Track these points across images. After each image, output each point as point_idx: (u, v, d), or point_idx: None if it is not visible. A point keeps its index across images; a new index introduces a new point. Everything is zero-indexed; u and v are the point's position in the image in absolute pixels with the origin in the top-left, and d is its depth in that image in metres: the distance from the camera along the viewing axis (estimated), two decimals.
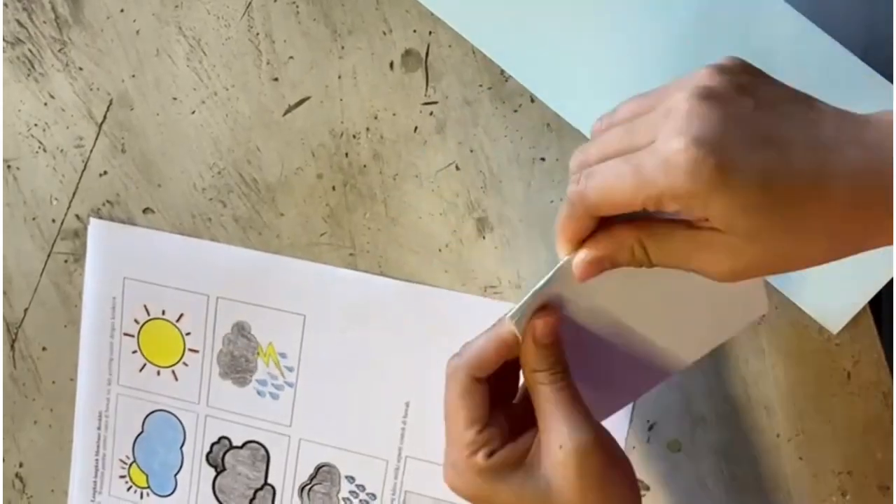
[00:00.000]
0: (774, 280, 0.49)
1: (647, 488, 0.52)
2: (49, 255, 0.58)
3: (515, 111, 0.50)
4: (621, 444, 0.51)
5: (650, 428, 0.52)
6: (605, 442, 0.37)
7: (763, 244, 0.32)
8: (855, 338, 0.49)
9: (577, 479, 0.36)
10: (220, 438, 0.58)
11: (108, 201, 0.57)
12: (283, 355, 0.56)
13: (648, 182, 0.31)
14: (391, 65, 0.52)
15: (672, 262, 0.34)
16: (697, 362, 0.42)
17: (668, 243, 0.34)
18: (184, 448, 0.59)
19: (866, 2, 0.64)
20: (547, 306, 0.38)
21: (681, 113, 0.31)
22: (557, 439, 0.36)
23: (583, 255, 0.35)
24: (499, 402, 0.39)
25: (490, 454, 0.37)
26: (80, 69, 0.56)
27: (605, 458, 0.37)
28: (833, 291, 0.48)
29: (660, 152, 0.31)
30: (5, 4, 0.56)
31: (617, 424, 0.51)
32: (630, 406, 0.51)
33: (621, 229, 0.35)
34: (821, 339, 0.49)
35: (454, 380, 0.38)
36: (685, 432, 0.51)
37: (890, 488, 0.50)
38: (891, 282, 0.49)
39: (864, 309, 0.49)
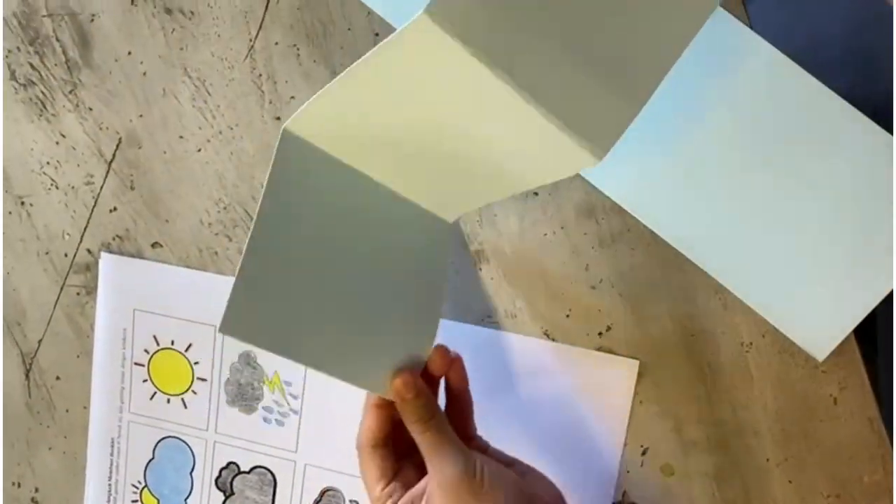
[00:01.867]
0: (762, 310, 0.50)
1: None
2: (62, 288, 0.60)
3: None
4: (615, 468, 0.53)
5: (644, 452, 0.53)
6: (473, 472, 0.42)
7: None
8: (840, 365, 0.50)
9: None
10: (228, 464, 0.60)
11: (117, 236, 0.59)
12: (288, 384, 0.58)
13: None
14: None
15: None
16: (689, 387, 0.44)
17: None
18: (193, 473, 0.61)
19: (855, 35, 0.65)
20: (404, 367, 0.44)
21: None
22: (434, 477, 0.42)
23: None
24: (411, 451, 0.45)
25: (395, 503, 0.44)
26: (90, 109, 0.58)
27: (472, 486, 0.42)
28: (818, 320, 0.50)
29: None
30: (17, 48, 0.58)
31: (610, 450, 0.53)
32: (623, 434, 0.53)
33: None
34: (807, 367, 0.51)
35: (360, 450, 0.46)
36: (678, 457, 0.53)
37: None
38: (889, 305, 0.50)
39: (848, 337, 0.50)
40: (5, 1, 0.57)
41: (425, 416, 0.43)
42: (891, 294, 0.49)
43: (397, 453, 0.46)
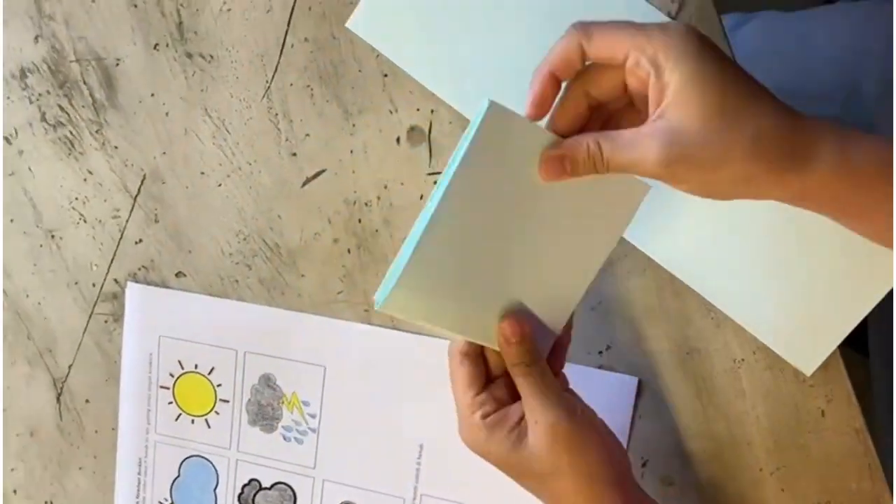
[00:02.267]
0: (751, 327, 0.54)
1: None
2: (90, 317, 0.64)
3: None
4: None
5: (644, 464, 0.56)
6: (571, 416, 0.44)
7: (700, 129, 0.38)
8: (827, 379, 0.54)
9: (549, 448, 0.44)
10: (250, 480, 0.63)
11: (143, 266, 0.62)
12: (306, 403, 0.61)
13: (644, 32, 0.38)
14: (398, 140, 0.57)
15: (620, 154, 0.40)
16: (685, 402, 0.47)
17: (618, 136, 0.40)
18: (217, 490, 0.64)
19: (851, 55, 0.68)
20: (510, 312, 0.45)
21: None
22: (533, 416, 0.44)
23: (546, 152, 0.41)
24: (502, 375, 0.47)
25: (485, 416, 0.45)
26: (116, 148, 0.61)
27: (572, 428, 0.44)
28: (805, 337, 0.53)
29: (664, 24, 0.39)
30: (47, 91, 0.62)
31: None
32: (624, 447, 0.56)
33: (580, 135, 0.41)
34: (796, 381, 0.54)
35: (451, 356, 0.47)
36: (676, 468, 0.56)
37: None
38: (887, 311, 0.53)
39: (834, 352, 0.53)
40: (36, 47, 0.61)
41: (528, 361, 0.44)
42: (887, 301, 0.52)
43: (488, 370, 0.47)
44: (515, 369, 0.45)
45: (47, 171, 0.63)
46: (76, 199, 0.63)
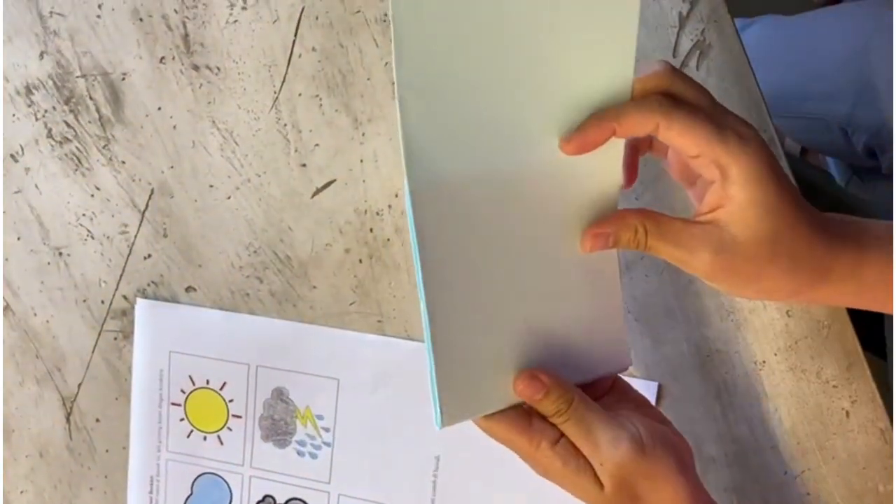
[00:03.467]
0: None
1: None
2: (100, 334, 0.63)
3: None
4: None
5: None
6: (639, 447, 0.41)
7: (746, 248, 0.39)
8: (851, 379, 0.53)
9: (616, 492, 0.41)
10: (264, 497, 0.62)
11: (152, 282, 0.62)
12: (319, 417, 0.60)
13: (724, 137, 0.39)
14: None
15: (666, 246, 0.40)
16: (706, 406, 0.46)
17: (666, 227, 0.40)
18: None
19: (859, 53, 0.68)
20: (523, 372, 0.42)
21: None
22: (598, 460, 0.41)
23: (592, 228, 0.41)
24: None
25: (566, 462, 0.42)
26: (123, 163, 0.61)
27: (640, 464, 0.41)
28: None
29: (745, 133, 0.39)
30: (53, 108, 0.61)
31: None
32: None
33: (629, 213, 0.41)
34: (819, 382, 0.53)
35: (486, 429, 0.43)
36: (699, 473, 0.55)
37: None
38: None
39: (857, 350, 0.52)
40: (41, 63, 0.61)
41: (562, 409, 0.41)
42: None
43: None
44: (554, 420, 0.42)
45: (54, 188, 0.62)
46: (83, 215, 0.62)
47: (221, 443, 0.62)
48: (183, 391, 0.62)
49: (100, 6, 0.59)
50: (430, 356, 0.40)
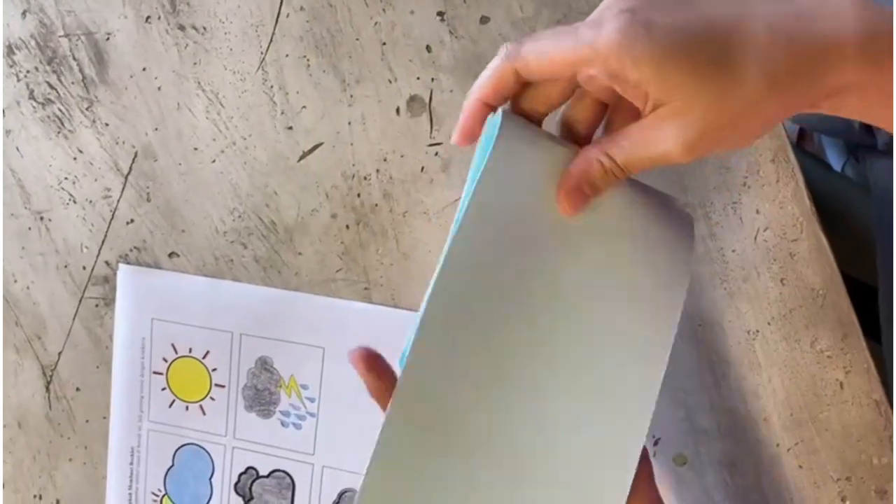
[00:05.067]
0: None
1: None
2: (81, 301, 0.62)
3: None
4: None
5: (655, 443, 0.54)
6: None
7: (700, 102, 0.33)
8: (845, 349, 0.52)
9: None
10: (247, 469, 0.61)
11: (135, 247, 0.60)
12: (304, 387, 0.59)
13: (584, 43, 0.34)
14: (397, 110, 0.55)
15: (638, 155, 0.35)
16: (698, 376, 0.45)
17: (625, 140, 0.36)
18: (213, 479, 0.61)
19: None
20: None
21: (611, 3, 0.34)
22: None
23: (561, 185, 0.37)
24: None
25: None
26: (107, 125, 0.59)
27: None
28: None
29: (595, 21, 0.34)
30: (35, 68, 0.60)
31: None
32: None
33: (585, 150, 0.37)
34: (813, 352, 0.52)
35: None
36: (689, 446, 0.54)
37: (888, 492, 0.52)
38: (889, 291, 0.51)
39: (852, 321, 0.51)
40: (23, 23, 0.59)
41: None
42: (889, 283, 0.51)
43: None
44: None
45: (36, 151, 0.61)
46: (65, 179, 0.61)
47: (204, 413, 0.61)
48: (165, 360, 0.61)
49: None
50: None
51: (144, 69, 0.58)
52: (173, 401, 0.61)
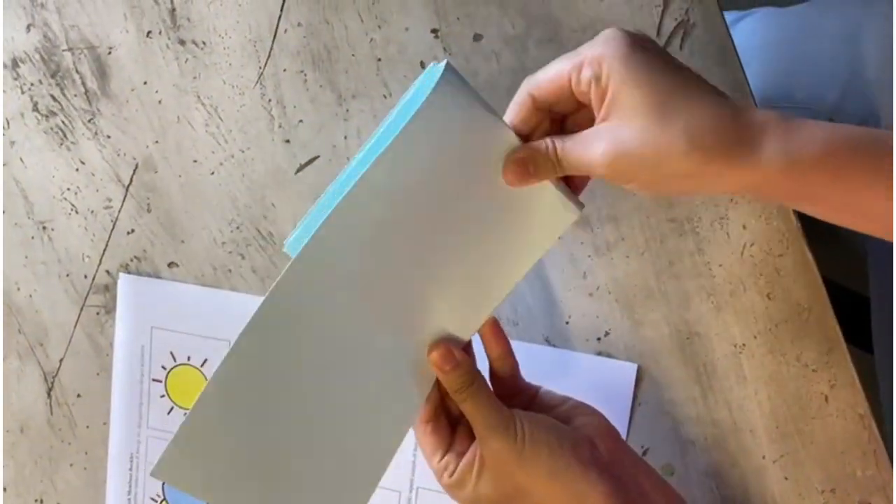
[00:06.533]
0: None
1: None
2: (82, 309, 0.63)
3: None
4: None
5: (644, 453, 0.55)
6: (514, 437, 0.43)
7: (634, 127, 0.38)
8: (830, 363, 0.53)
9: (494, 478, 0.44)
10: None
11: (135, 257, 0.62)
12: None
13: (578, 51, 0.40)
14: None
15: (571, 155, 0.41)
16: (686, 388, 0.46)
17: (570, 140, 0.41)
18: None
19: (850, 42, 0.68)
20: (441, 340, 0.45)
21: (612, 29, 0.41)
22: (480, 445, 0.44)
23: (510, 157, 0.43)
24: (462, 418, 0.47)
25: (451, 473, 0.45)
26: (108, 137, 0.61)
27: (512, 452, 0.43)
28: None
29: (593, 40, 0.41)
30: (39, 81, 0.61)
31: None
32: (624, 435, 0.55)
33: (539, 139, 0.43)
34: (798, 366, 0.53)
35: (416, 428, 0.48)
36: (677, 456, 0.55)
37: None
38: (887, 301, 0.52)
39: (838, 335, 0.52)
40: (28, 37, 0.61)
41: (465, 384, 0.44)
42: (888, 296, 0.52)
43: (450, 421, 0.47)
44: (455, 396, 0.45)
45: (39, 162, 0.62)
46: (68, 189, 0.62)
47: None
48: (164, 367, 0.62)
49: None
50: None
51: (145, 83, 0.60)
52: (172, 408, 0.62)
